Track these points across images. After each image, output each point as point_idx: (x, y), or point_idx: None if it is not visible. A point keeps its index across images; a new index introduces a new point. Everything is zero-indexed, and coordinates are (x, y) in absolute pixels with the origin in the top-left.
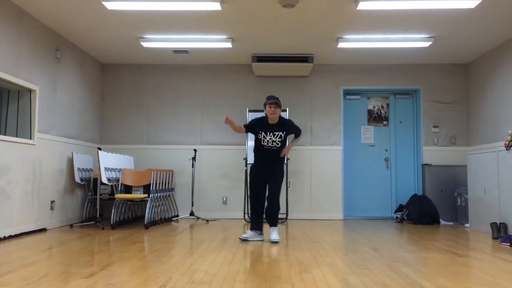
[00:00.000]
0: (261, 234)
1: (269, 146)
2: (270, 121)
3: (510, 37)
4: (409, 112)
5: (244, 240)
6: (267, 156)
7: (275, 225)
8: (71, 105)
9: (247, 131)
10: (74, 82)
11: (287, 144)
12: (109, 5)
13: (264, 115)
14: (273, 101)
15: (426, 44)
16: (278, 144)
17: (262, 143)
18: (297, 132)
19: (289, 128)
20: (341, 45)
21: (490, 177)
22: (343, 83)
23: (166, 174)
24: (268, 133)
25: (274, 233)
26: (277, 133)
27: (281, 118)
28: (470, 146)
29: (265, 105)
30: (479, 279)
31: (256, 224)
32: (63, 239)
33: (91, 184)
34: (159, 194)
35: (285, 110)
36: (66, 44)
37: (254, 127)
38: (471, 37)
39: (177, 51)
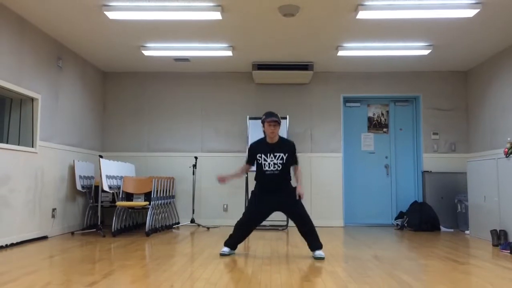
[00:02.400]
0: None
1: (271, 170)
2: (269, 140)
3: (508, 45)
4: (409, 119)
5: (228, 255)
6: (270, 183)
7: (321, 247)
8: (73, 113)
9: (251, 163)
10: (75, 91)
11: (291, 172)
12: (111, 15)
13: (263, 135)
14: (273, 119)
15: (426, 52)
16: (279, 166)
17: (264, 168)
18: (295, 161)
19: (291, 151)
20: (341, 53)
21: (490, 184)
22: (343, 90)
23: (167, 181)
24: (269, 154)
25: (319, 251)
26: (278, 154)
27: (281, 138)
28: (470, 153)
29: (263, 122)
30: (479, 287)
31: (235, 244)
32: (65, 247)
33: (92, 191)
34: (160, 202)
35: (285, 118)
36: (68, 53)
37: (254, 155)
38: (470, 45)
39: (178, 59)
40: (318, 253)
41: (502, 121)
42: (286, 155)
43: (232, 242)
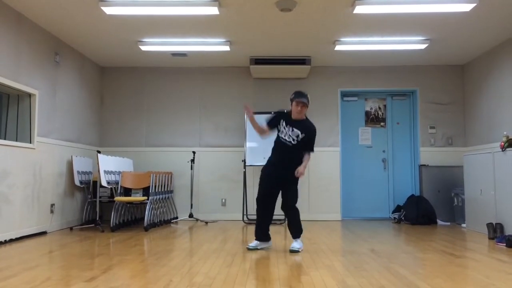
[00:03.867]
0: (268, 241)
1: (285, 140)
2: (294, 117)
3: (505, 39)
4: (406, 113)
5: (253, 249)
6: (282, 154)
7: (299, 237)
8: (71, 109)
9: (271, 127)
10: (73, 86)
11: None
12: (108, 10)
13: (289, 110)
14: (301, 100)
15: (423, 46)
16: (293, 141)
17: (280, 134)
18: (310, 148)
19: (309, 136)
20: (338, 47)
21: (486, 177)
22: (340, 85)
23: (165, 176)
24: (289, 126)
25: (295, 243)
26: (296, 130)
27: (307, 120)
28: (467, 146)
29: (291, 100)
30: (475, 280)
31: (261, 235)
32: (64, 242)
33: (90, 187)
34: (158, 197)
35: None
36: (65, 48)
37: (277, 121)
38: (467, 39)
39: (175, 54)
40: (293, 245)
41: (498, 115)
42: (303, 134)
43: (257, 231)
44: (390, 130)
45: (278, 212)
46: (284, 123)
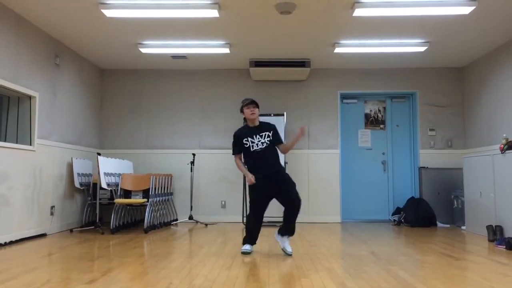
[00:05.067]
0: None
1: (260, 148)
2: (251, 124)
3: (504, 41)
4: (406, 116)
5: (248, 253)
6: (262, 161)
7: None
8: (71, 111)
9: (240, 152)
10: (73, 88)
11: (278, 149)
12: (108, 13)
13: (243, 124)
14: (250, 101)
15: (422, 48)
16: (267, 143)
17: (252, 149)
18: (280, 140)
19: (274, 131)
20: (337, 50)
21: (486, 180)
22: (340, 87)
23: (165, 178)
24: (255, 136)
25: (288, 243)
26: (263, 133)
27: (261, 121)
28: (466, 149)
29: (242, 109)
30: (474, 282)
31: (253, 239)
32: (63, 244)
33: (90, 189)
34: (158, 199)
35: (282, 114)
36: (65, 50)
37: (240, 141)
38: (466, 42)
39: (175, 56)
40: (288, 250)
41: (497, 117)
42: (272, 132)
43: (250, 237)
44: (389, 132)
45: (278, 214)
46: (249, 138)
